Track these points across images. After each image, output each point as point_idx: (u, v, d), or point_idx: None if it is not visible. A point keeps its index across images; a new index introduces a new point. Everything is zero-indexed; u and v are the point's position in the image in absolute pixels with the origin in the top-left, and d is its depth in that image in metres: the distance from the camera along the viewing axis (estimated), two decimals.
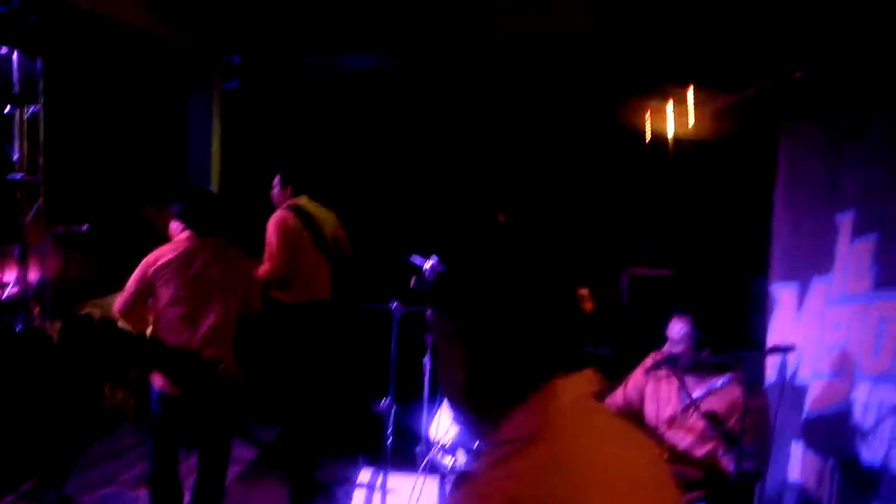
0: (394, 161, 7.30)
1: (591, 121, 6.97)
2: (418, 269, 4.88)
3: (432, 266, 4.74)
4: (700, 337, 3.47)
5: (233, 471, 4.58)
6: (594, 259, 6.51)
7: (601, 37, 5.92)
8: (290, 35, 6.48)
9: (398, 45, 6.50)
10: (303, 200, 5.48)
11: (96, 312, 8.03)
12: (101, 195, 6.72)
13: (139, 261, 3.89)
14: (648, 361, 3.69)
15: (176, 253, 3.87)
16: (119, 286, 7.51)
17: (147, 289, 3.86)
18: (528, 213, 5.88)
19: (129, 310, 3.91)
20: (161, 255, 3.87)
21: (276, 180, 5.52)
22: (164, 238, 4.06)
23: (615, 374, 3.80)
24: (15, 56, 6.20)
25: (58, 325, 6.49)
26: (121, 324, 4.18)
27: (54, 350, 5.93)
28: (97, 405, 6.22)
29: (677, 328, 3.53)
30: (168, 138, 6.96)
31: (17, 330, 6.25)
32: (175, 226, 4.05)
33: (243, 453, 5.37)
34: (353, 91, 7.17)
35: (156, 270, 3.83)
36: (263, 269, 5.13)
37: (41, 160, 6.34)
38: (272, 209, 5.44)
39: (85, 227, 3.73)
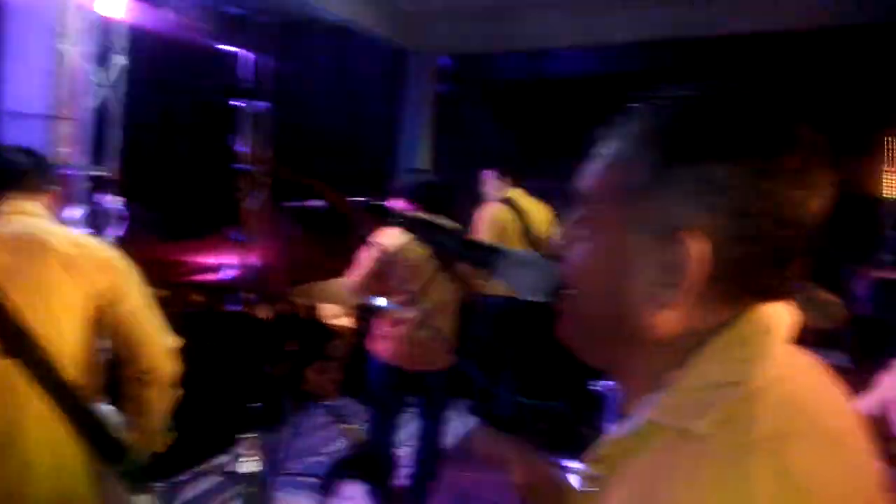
0: None
1: None
2: None
3: None
4: None
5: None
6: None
7: None
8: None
9: None
10: (515, 194, 5.34)
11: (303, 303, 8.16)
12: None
13: (345, 252, 3.84)
14: None
15: None
16: (329, 275, 7.54)
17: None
18: None
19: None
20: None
21: (490, 174, 5.40)
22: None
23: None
24: (243, 54, 6.58)
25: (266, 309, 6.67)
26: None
27: (261, 328, 6.03)
28: (296, 386, 6.37)
29: None
30: (380, 137, 7.14)
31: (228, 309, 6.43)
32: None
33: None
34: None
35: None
36: None
37: (268, 154, 6.68)
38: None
39: (323, 202, 3.62)
